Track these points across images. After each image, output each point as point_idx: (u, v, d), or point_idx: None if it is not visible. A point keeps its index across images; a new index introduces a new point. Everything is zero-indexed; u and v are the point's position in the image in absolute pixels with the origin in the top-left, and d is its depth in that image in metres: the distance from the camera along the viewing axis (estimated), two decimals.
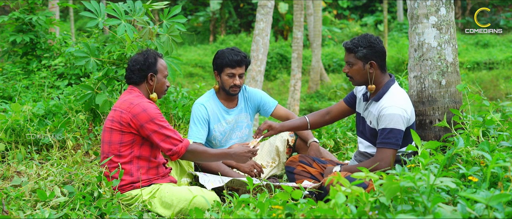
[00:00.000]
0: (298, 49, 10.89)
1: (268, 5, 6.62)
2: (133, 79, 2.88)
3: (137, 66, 2.86)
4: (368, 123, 2.93)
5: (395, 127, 2.74)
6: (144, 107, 2.75)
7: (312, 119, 3.21)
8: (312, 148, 3.43)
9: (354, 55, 2.87)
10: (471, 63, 14.95)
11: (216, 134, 3.48)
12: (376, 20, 21.37)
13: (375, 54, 2.85)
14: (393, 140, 2.74)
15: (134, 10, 3.70)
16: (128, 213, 2.63)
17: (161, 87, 2.93)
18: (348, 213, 1.66)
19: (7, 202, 2.61)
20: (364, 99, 3.03)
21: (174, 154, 2.79)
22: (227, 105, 3.52)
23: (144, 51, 2.93)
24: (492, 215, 1.53)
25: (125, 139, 2.77)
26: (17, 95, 5.16)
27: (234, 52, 3.38)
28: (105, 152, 2.81)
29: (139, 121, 2.72)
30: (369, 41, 2.86)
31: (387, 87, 2.87)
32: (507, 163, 1.78)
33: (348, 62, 2.92)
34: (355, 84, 2.98)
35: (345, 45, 2.93)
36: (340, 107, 3.22)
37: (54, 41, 6.26)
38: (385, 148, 2.75)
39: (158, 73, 2.89)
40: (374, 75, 2.88)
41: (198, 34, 21.36)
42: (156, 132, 2.74)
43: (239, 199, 2.11)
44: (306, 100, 13.74)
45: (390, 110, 2.76)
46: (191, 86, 11.64)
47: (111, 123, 2.80)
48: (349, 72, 2.92)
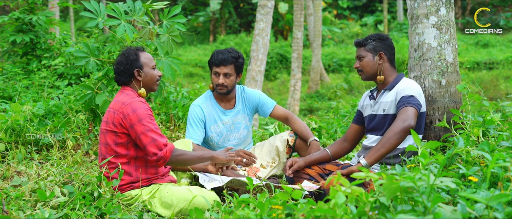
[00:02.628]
0: (298, 49, 10.89)
1: (268, 5, 6.62)
2: (122, 81, 2.87)
3: (121, 67, 2.84)
4: (380, 113, 2.97)
5: (415, 95, 2.81)
6: (134, 107, 2.71)
7: (333, 150, 3.19)
8: (313, 147, 3.42)
9: (364, 48, 3.00)
10: (471, 63, 14.95)
11: (212, 135, 3.48)
12: (376, 20, 21.37)
13: (384, 46, 2.98)
14: (415, 102, 2.79)
15: (134, 10, 3.71)
16: (128, 213, 2.62)
17: (152, 79, 2.89)
18: (348, 213, 1.66)
19: (7, 202, 2.61)
20: (371, 99, 3.07)
21: (159, 159, 2.71)
22: (223, 106, 3.52)
23: (124, 51, 2.90)
24: (492, 215, 1.53)
25: (120, 140, 2.76)
26: (17, 95, 5.16)
27: (222, 50, 3.39)
28: (103, 153, 2.81)
29: (129, 121, 2.70)
30: (378, 35, 3.02)
31: (399, 78, 2.98)
32: (507, 163, 1.78)
33: (358, 56, 3.03)
34: (364, 79, 3.04)
35: (355, 41, 3.07)
36: (353, 130, 3.23)
37: (54, 41, 6.26)
38: (408, 106, 2.76)
39: (144, 67, 2.86)
40: (383, 68, 2.97)
41: (198, 34, 21.37)
42: (143, 134, 2.69)
43: (239, 199, 2.11)
44: (306, 100, 13.74)
45: (409, 85, 2.87)
46: (191, 86, 11.64)
47: (105, 125, 2.79)
48: (360, 66, 3.01)
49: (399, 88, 2.90)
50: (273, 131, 4.41)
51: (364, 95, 3.23)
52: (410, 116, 2.72)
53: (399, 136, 2.69)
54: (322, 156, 3.16)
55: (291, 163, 3.08)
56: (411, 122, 2.70)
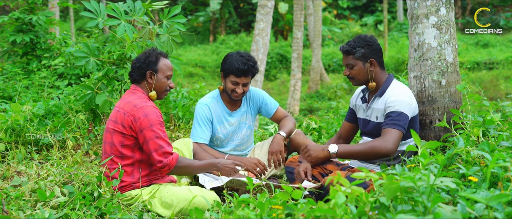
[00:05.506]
0: (298, 49, 10.89)
1: (268, 5, 6.62)
2: (134, 77, 2.87)
3: (137, 63, 2.85)
4: (373, 119, 2.95)
5: (404, 112, 2.78)
6: (146, 112, 2.71)
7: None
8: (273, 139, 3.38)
9: (353, 56, 2.92)
10: (471, 63, 14.94)
11: (219, 135, 3.48)
12: (376, 20, 21.37)
13: (373, 52, 2.92)
14: (402, 123, 2.77)
15: (134, 10, 3.70)
16: (128, 213, 2.62)
17: (161, 86, 2.88)
18: (348, 213, 1.66)
19: (7, 202, 2.61)
20: (363, 102, 3.05)
21: (164, 167, 2.72)
22: (230, 108, 3.51)
23: (148, 50, 2.91)
24: (492, 215, 1.53)
25: (127, 142, 2.75)
26: (17, 95, 5.16)
27: (243, 60, 3.26)
28: (107, 152, 2.80)
29: (139, 126, 2.70)
30: (365, 40, 2.92)
31: (389, 82, 2.94)
32: (507, 163, 1.78)
33: (347, 64, 2.96)
34: (356, 85, 3.01)
35: (342, 48, 2.96)
36: (346, 128, 3.24)
37: (54, 41, 6.27)
38: (393, 128, 2.76)
39: (159, 72, 2.85)
40: (374, 73, 2.93)
41: (198, 34, 21.37)
42: (152, 140, 2.69)
43: (239, 199, 2.11)
44: (306, 100, 13.73)
45: (397, 96, 2.82)
46: (191, 86, 11.64)
47: (113, 124, 2.78)
48: (350, 74, 2.96)
49: (388, 97, 2.86)
50: (273, 131, 4.41)
51: (356, 93, 3.20)
52: (393, 141, 2.74)
53: (374, 155, 2.76)
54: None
55: (305, 170, 3.01)
56: (392, 148, 2.72)
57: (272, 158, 3.34)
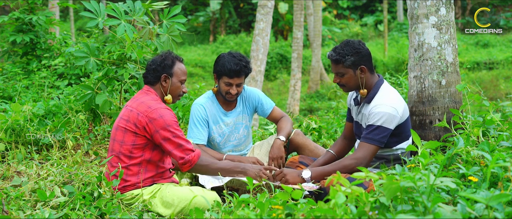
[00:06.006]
0: (298, 49, 10.90)
1: (268, 5, 6.62)
2: (148, 79, 2.88)
3: (153, 66, 2.86)
4: (363, 125, 2.93)
5: (383, 125, 2.76)
6: (161, 113, 2.73)
7: (336, 149, 3.18)
8: (274, 144, 3.38)
9: (343, 65, 2.86)
10: (471, 63, 14.95)
11: (214, 136, 3.47)
12: (376, 20, 21.37)
13: (362, 58, 2.86)
14: (378, 137, 2.76)
15: (134, 10, 3.70)
16: (128, 213, 2.62)
17: (175, 91, 2.89)
18: (348, 213, 1.66)
19: (7, 202, 2.61)
20: (355, 104, 3.04)
21: (186, 163, 2.77)
22: (225, 108, 3.49)
23: (164, 52, 2.92)
24: (492, 215, 1.53)
25: (138, 142, 2.76)
26: (17, 95, 5.16)
27: (235, 60, 3.25)
28: (115, 150, 2.79)
29: (155, 126, 2.71)
30: (353, 47, 2.85)
31: (377, 88, 2.88)
32: (507, 163, 1.78)
33: (337, 73, 2.91)
34: (346, 91, 2.98)
35: (330, 57, 2.91)
36: (348, 127, 3.21)
37: (54, 41, 6.27)
38: (368, 143, 2.76)
39: (173, 76, 2.86)
40: (365, 79, 2.88)
41: (198, 34, 21.36)
42: (169, 140, 2.72)
43: (239, 199, 2.11)
44: (306, 100, 13.73)
45: (379, 108, 2.78)
46: (191, 86, 11.64)
47: (126, 123, 2.77)
48: (341, 81, 2.91)
49: (372, 106, 2.83)
50: (273, 131, 4.41)
51: (350, 94, 3.18)
52: (364, 157, 2.76)
53: (349, 170, 2.76)
54: (327, 158, 3.13)
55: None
56: (364, 164, 2.75)
57: (273, 164, 3.33)
